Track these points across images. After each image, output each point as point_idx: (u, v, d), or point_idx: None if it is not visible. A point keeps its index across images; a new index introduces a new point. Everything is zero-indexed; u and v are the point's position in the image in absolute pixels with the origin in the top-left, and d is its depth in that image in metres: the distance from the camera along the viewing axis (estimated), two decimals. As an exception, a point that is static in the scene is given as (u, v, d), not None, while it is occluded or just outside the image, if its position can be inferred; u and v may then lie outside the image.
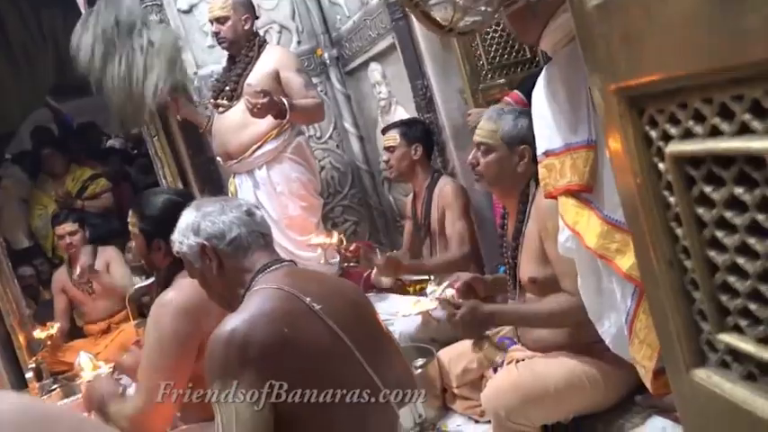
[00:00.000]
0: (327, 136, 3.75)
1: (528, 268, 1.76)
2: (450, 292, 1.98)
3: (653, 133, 0.61)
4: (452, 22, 1.31)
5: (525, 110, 1.91)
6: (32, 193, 4.78)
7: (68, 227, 3.87)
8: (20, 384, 3.28)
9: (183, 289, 1.69)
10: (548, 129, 1.44)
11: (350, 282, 1.64)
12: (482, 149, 1.81)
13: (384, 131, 2.88)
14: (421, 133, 2.76)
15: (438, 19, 1.30)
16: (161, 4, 3.38)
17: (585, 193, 1.35)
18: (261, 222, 1.44)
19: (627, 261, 1.26)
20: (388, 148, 2.75)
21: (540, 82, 1.47)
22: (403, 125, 2.80)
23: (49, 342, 3.53)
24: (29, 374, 3.16)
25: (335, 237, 2.63)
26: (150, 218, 1.79)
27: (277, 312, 1.27)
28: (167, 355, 1.64)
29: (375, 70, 3.34)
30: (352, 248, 2.59)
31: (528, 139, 1.77)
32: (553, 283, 1.69)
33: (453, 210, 2.59)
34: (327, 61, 3.68)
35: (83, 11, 3.29)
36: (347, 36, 3.52)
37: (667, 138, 0.60)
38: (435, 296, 2.06)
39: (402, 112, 3.23)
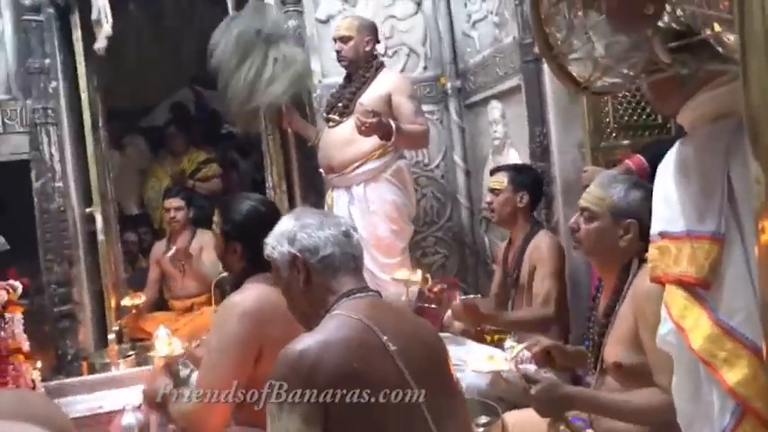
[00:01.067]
0: (434, 165, 3.73)
1: (614, 351, 1.63)
2: (527, 355, 1.88)
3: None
4: (589, 80, 1.24)
5: (640, 182, 1.80)
6: (151, 166, 5.09)
7: (176, 202, 4.06)
8: (101, 343, 3.46)
9: (251, 293, 1.74)
10: (669, 209, 1.32)
11: (430, 324, 1.59)
12: (585, 215, 1.71)
13: (492, 172, 2.81)
14: (530, 181, 2.67)
15: (574, 74, 1.24)
16: (301, 11, 3.50)
17: (701, 288, 1.23)
18: (356, 245, 1.42)
19: (734, 375, 1.12)
20: (493, 191, 2.67)
21: (671, 157, 1.36)
22: (513, 170, 2.72)
23: (134, 310, 3.73)
24: (111, 336, 3.32)
25: (419, 274, 2.58)
26: (232, 221, 1.85)
27: (352, 343, 1.25)
28: (226, 357, 1.68)
29: (495, 108, 3.28)
30: (436, 289, 2.53)
31: (638, 213, 1.66)
32: (639, 373, 1.56)
33: (545, 266, 2.48)
34: (449, 91, 3.66)
35: (230, 11, 3.48)
36: (473, 69, 3.49)
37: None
38: (510, 356, 1.96)
39: (515, 156, 3.15)
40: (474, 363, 2.13)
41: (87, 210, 3.44)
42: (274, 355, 1.60)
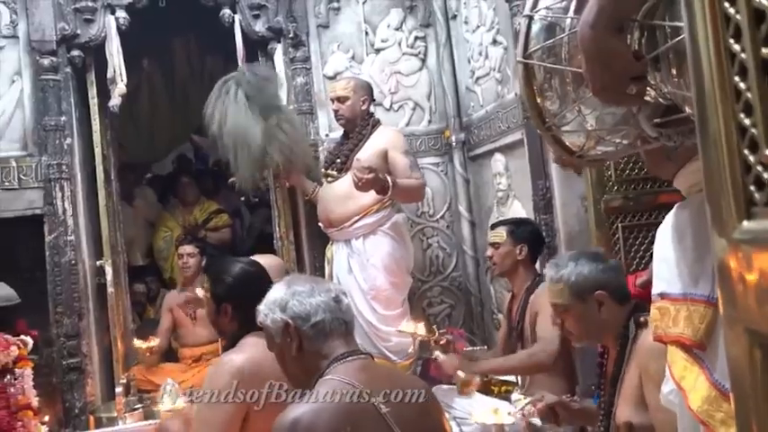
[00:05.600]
0: (440, 215, 3.78)
1: (625, 411, 1.63)
2: (532, 410, 1.89)
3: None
4: (583, 149, 1.29)
5: (580, 253, 1.84)
6: (160, 216, 5.15)
7: (190, 248, 4.14)
8: (109, 395, 3.46)
9: (245, 352, 1.77)
10: (668, 271, 1.36)
11: (423, 383, 1.60)
12: (559, 311, 1.75)
13: (492, 227, 2.86)
14: (529, 234, 2.71)
15: (568, 144, 1.29)
16: (309, 68, 3.62)
17: (697, 349, 1.25)
18: (346, 311, 1.45)
19: (730, 435, 1.14)
20: (494, 245, 2.72)
21: (668, 221, 1.40)
22: (512, 224, 2.78)
23: (148, 354, 3.74)
24: (119, 389, 3.31)
25: (423, 327, 2.60)
26: (222, 283, 1.88)
27: (342, 409, 1.27)
28: (216, 415, 1.72)
29: (499, 161, 3.34)
30: (442, 342, 2.55)
31: (599, 282, 1.69)
32: (651, 432, 1.57)
33: (547, 313, 2.48)
34: (453, 144, 3.74)
35: (240, 63, 3.59)
36: (477, 123, 3.57)
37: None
38: (515, 410, 1.97)
39: (518, 207, 3.20)
40: (479, 415, 2.13)
41: (98, 262, 3.50)
42: (261, 415, 1.64)
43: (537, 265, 2.78)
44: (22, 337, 2.54)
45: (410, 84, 3.77)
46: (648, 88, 1.12)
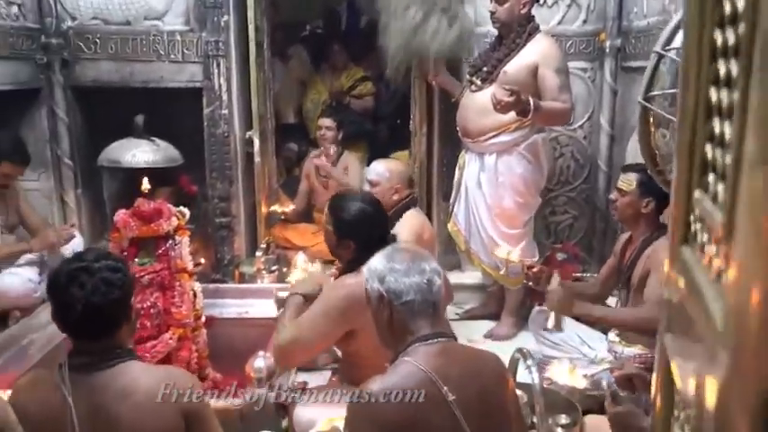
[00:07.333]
0: (578, 125, 3.63)
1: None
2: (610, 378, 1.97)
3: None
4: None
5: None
6: (311, 77, 5.35)
7: (328, 122, 4.36)
8: (252, 252, 3.95)
9: (359, 279, 1.89)
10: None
11: (495, 362, 1.66)
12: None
13: (624, 170, 2.70)
14: (661, 189, 2.53)
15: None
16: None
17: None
18: (436, 293, 1.55)
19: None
20: (620, 190, 2.59)
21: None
22: (645, 174, 2.58)
23: (282, 216, 4.19)
24: (259, 253, 3.74)
25: (516, 254, 2.62)
26: (343, 221, 2.09)
27: (414, 393, 1.41)
28: (319, 323, 2.01)
29: (651, 81, 3.08)
30: (535, 269, 2.57)
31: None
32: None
33: (661, 274, 2.41)
34: (607, 50, 3.46)
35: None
36: (636, 33, 3.26)
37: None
38: (590, 372, 2.04)
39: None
40: (555, 373, 2.19)
41: (247, 134, 3.81)
42: (368, 336, 1.86)
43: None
44: (181, 208, 2.91)
45: (568, -22, 3.45)
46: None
